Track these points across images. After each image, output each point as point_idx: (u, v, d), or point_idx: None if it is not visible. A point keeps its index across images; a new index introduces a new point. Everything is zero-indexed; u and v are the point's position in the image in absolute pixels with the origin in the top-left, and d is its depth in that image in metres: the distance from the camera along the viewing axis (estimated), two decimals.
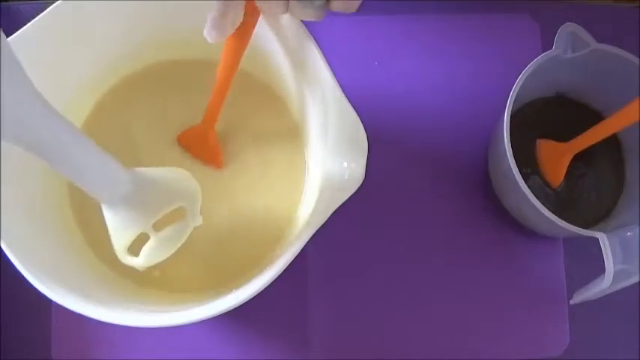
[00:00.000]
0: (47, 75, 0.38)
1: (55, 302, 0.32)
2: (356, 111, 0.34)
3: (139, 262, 0.32)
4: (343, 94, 0.34)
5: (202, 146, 0.42)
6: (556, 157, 0.44)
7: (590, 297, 0.40)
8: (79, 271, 0.38)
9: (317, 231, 0.32)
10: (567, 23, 0.41)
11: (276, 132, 0.44)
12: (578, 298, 0.41)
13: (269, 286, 0.32)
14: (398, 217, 0.46)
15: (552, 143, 0.45)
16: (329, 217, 0.32)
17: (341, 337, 0.44)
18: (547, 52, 0.41)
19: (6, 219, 0.34)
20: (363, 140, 0.33)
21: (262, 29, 0.37)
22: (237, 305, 0.32)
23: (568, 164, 0.44)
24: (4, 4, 0.48)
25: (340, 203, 0.32)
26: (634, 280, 0.37)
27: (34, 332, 0.44)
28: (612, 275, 0.37)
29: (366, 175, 0.33)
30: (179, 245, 0.34)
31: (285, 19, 0.36)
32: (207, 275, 0.41)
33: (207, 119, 0.41)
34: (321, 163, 0.37)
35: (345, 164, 0.33)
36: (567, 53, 0.41)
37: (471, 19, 0.50)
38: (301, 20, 0.35)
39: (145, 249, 0.32)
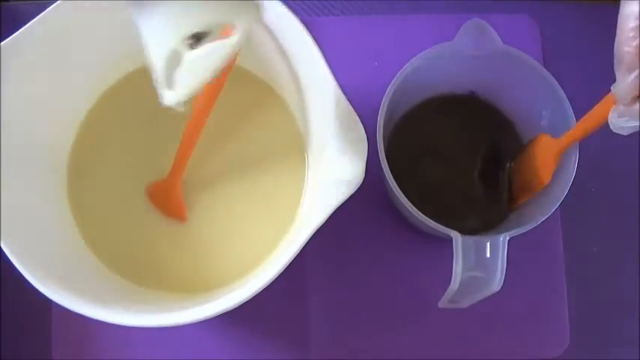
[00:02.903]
0: (46, 75, 0.38)
1: (55, 302, 0.32)
2: (356, 111, 0.34)
3: (175, 94, 0.28)
4: (343, 94, 0.34)
5: (167, 201, 0.42)
6: (549, 154, 0.40)
7: (455, 303, 0.36)
8: (78, 271, 0.38)
9: (317, 231, 0.32)
10: (474, 19, 0.39)
11: (276, 131, 0.44)
12: (441, 303, 0.37)
13: (269, 286, 0.32)
14: (398, 216, 0.46)
15: (549, 139, 0.41)
16: (329, 217, 0.32)
17: (341, 337, 0.44)
18: (441, 44, 0.38)
19: (6, 219, 0.34)
20: (362, 140, 0.33)
21: (262, 29, 0.37)
22: (237, 305, 0.32)
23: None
24: (4, 4, 0.48)
25: (340, 202, 0.32)
26: (488, 290, 0.34)
27: (34, 332, 0.44)
28: (459, 277, 0.34)
29: (366, 174, 0.33)
30: (216, 68, 0.29)
31: (284, 18, 0.36)
32: (208, 275, 0.41)
33: (173, 172, 0.41)
34: (321, 162, 0.37)
35: (345, 163, 0.33)
36: (471, 50, 0.38)
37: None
38: (300, 20, 0.35)
39: (178, 73, 0.28)
